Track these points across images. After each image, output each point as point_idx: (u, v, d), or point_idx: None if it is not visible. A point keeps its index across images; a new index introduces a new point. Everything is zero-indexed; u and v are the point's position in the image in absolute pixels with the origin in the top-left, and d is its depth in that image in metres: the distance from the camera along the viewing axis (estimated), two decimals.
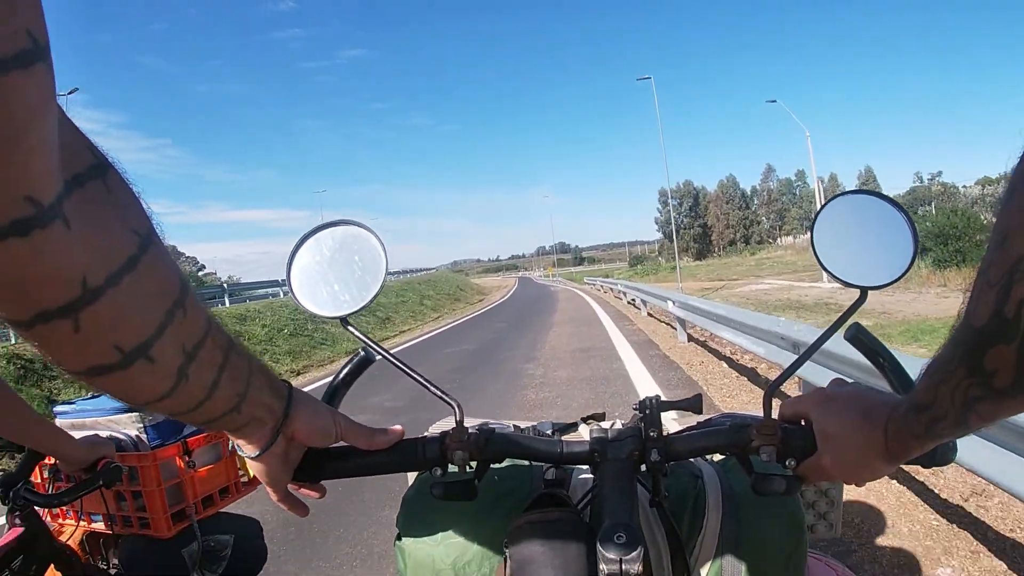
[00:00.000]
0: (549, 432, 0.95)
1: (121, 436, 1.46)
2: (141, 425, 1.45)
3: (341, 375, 0.76)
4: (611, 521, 0.59)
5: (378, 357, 0.75)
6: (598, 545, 0.57)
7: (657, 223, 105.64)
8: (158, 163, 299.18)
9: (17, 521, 1.13)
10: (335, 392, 0.76)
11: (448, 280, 40.41)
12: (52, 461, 1.37)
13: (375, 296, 0.72)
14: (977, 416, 0.46)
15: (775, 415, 0.68)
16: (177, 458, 1.47)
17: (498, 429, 0.75)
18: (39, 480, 1.45)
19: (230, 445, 1.50)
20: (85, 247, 0.36)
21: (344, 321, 0.73)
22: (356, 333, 0.75)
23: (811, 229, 0.72)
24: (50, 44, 0.29)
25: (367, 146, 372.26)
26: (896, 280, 0.68)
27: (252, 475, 1.52)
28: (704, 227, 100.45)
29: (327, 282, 0.73)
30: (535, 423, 1.00)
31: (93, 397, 1.53)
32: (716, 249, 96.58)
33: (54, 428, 1.32)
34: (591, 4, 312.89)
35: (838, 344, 0.87)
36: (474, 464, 0.70)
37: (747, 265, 52.82)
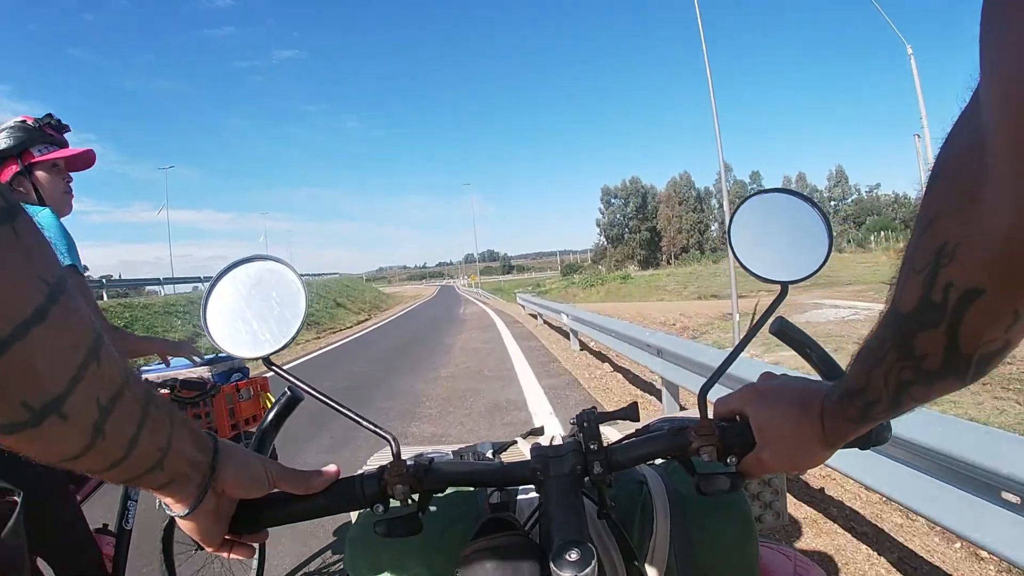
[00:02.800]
0: (489, 453, 0.97)
1: (195, 378, 2.23)
2: (208, 373, 2.25)
3: (268, 419, 0.74)
4: (562, 539, 0.59)
5: (305, 397, 0.74)
6: (551, 565, 0.57)
7: (599, 225, 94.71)
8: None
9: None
10: (264, 438, 0.73)
11: (341, 289, 33.98)
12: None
13: (297, 333, 0.69)
14: (910, 398, 0.49)
15: (711, 414, 0.70)
16: (233, 392, 2.32)
17: (436, 458, 0.75)
18: None
19: (241, 395, 2.35)
20: None
21: (267, 361, 0.70)
22: (280, 373, 0.74)
23: (727, 229, 0.73)
24: None
25: (298, 148, 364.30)
26: (815, 272, 0.70)
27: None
28: (653, 231, 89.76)
29: (245, 321, 0.70)
30: (474, 445, 1.01)
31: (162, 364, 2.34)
32: (666, 256, 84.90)
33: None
34: (517, 5, 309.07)
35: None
36: (416, 496, 0.70)
37: (721, 276, 41.40)
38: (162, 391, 2.13)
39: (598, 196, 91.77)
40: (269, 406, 1.61)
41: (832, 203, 78.79)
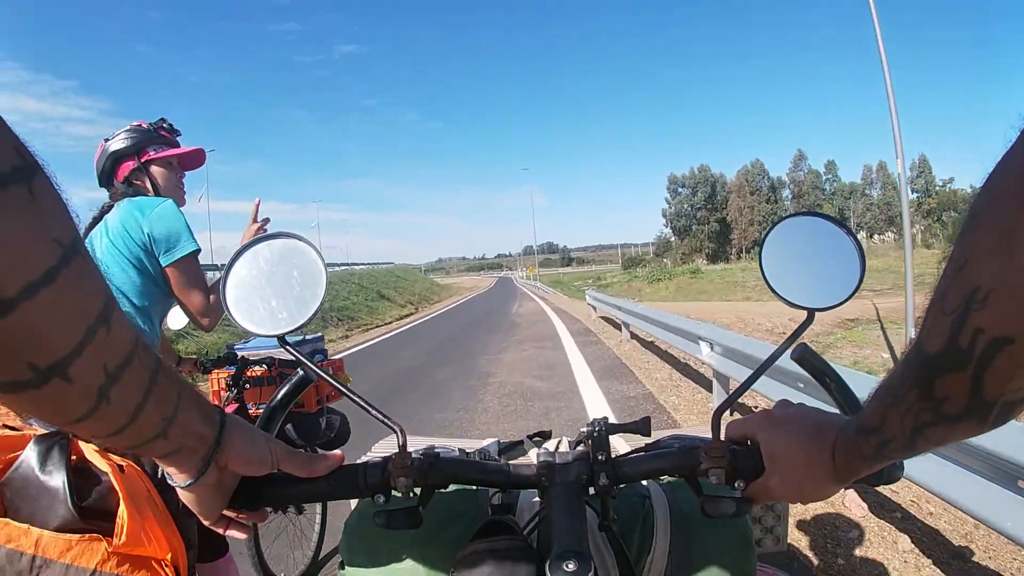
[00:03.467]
0: (495, 453, 0.99)
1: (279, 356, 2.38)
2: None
3: (278, 398, 0.74)
4: (560, 547, 0.59)
5: (315, 379, 0.74)
6: (548, 573, 0.57)
7: (665, 216, 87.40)
8: None
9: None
10: (271, 416, 0.73)
11: (389, 280, 32.95)
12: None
13: (314, 314, 0.69)
14: (926, 440, 0.48)
15: (723, 436, 0.68)
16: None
17: (443, 453, 0.74)
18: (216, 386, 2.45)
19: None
20: None
21: (282, 340, 0.71)
22: (294, 353, 0.72)
23: (759, 250, 0.72)
24: None
25: (357, 140, 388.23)
26: (843, 302, 0.68)
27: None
28: (722, 223, 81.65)
29: (264, 298, 0.70)
30: (481, 444, 1.03)
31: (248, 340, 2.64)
32: (736, 250, 78.19)
33: None
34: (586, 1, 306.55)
35: None
36: (418, 490, 0.68)
37: None
38: (260, 367, 2.41)
39: (662, 186, 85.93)
40: (349, 384, 2.04)
41: (914, 194, 72.38)
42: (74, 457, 0.97)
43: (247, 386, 2.40)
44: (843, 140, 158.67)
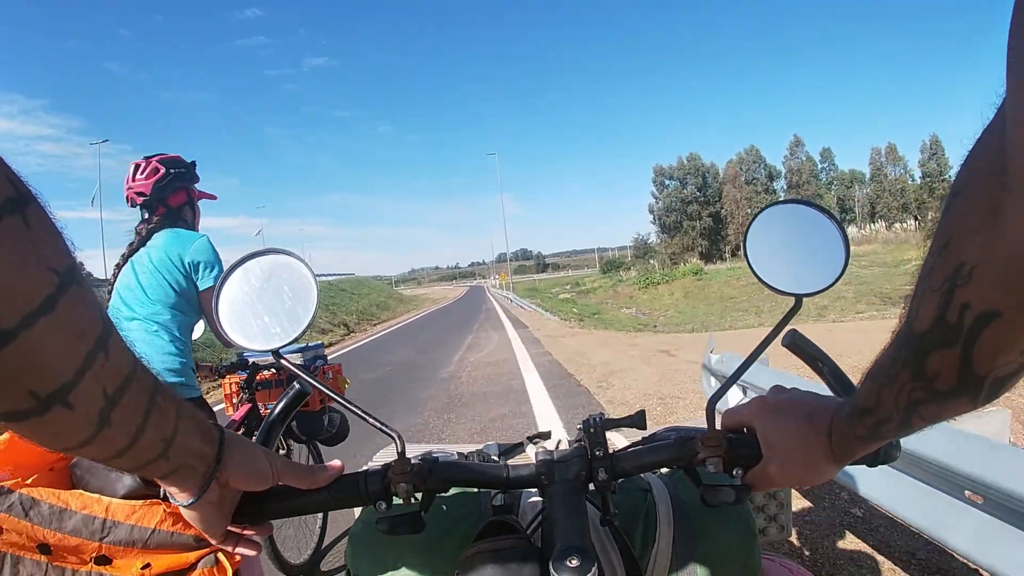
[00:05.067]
0: (495, 455, 1.01)
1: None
2: (300, 359, 2.77)
3: (275, 412, 0.74)
4: (563, 544, 0.60)
5: (312, 391, 0.76)
6: (551, 570, 0.57)
7: (652, 212, 77.96)
8: (118, 169, 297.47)
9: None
10: (270, 431, 0.73)
11: (334, 295, 29.92)
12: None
13: (307, 327, 0.70)
14: (920, 418, 0.48)
15: (718, 425, 0.69)
16: (321, 375, 2.83)
17: (441, 457, 0.74)
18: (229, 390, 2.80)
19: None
20: None
21: (276, 354, 0.71)
22: (289, 366, 0.74)
23: (744, 239, 0.72)
24: None
25: (332, 154, 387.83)
26: (830, 286, 0.69)
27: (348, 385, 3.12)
28: (715, 217, 72.67)
29: (256, 314, 0.71)
30: (480, 446, 1.05)
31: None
32: (732, 247, 68.04)
33: None
34: (557, 9, 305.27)
35: None
36: (419, 495, 0.69)
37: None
38: (270, 371, 2.76)
39: (638, 187, 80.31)
40: (346, 387, 3.03)
41: (926, 179, 65.19)
42: None
43: (259, 388, 2.74)
44: (838, 126, 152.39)
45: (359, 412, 0.72)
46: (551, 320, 21.47)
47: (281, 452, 2.74)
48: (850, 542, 2.78)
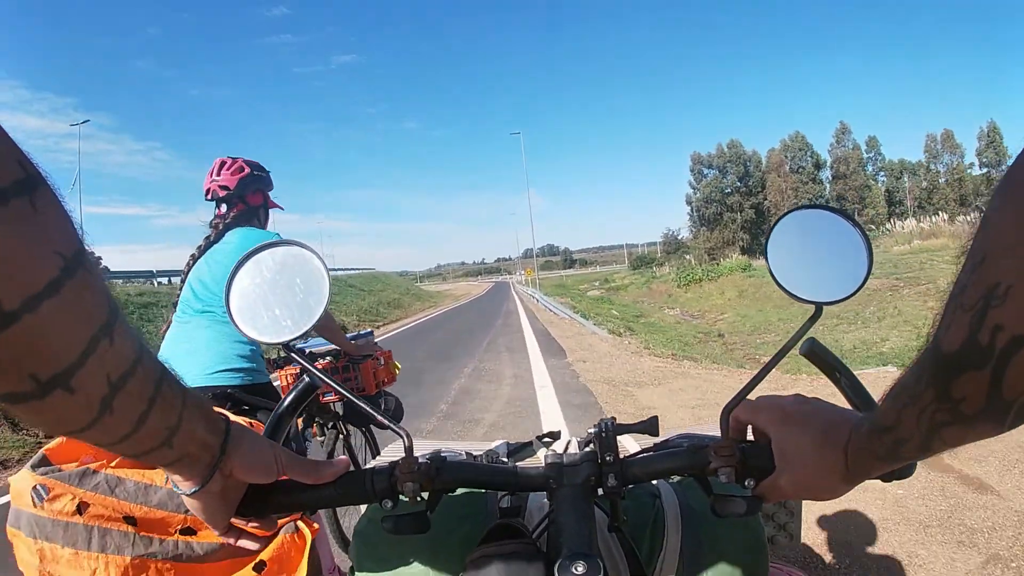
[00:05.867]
0: (504, 455, 0.98)
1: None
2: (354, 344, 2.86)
3: (284, 405, 0.74)
4: (569, 549, 0.60)
5: (321, 384, 0.75)
6: (556, 575, 0.57)
7: (689, 203, 72.72)
8: (148, 166, 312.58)
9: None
10: (278, 423, 0.73)
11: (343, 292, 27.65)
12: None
13: (318, 320, 0.69)
14: (942, 441, 0.47)
15: (732, 433, 0.69)
16: (374, 360, 2.99)
17: (450, 457, 0.73)
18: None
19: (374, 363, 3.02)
20: (0, 269, 0.35)
21: (287, 347, 0.72)
22: (300, 360, 0.74)
23: (764, 244, 0.71)
24: None
25: (358, 150, 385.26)
26: (850, 296, 0.68)
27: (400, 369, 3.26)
28: (757, 209, 67.65)
29: (267, 306, 0.70)
30: (490, 446, 1.04)
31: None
32: None
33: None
34: (584, 6, 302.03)
35: None
36: (426, 495, 0.68)
37: None
38: (326, 359, 2.87)
39: (667, 183, 75.22)
40: (397, 372, 3.17)
41: (984, 169, 59.80)
42: None
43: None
44: (887, 113, 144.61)
45: (367, 409, 0.72)
46: (595, 333, 13.68)
47: (341, 436, 2.97)
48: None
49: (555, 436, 0.99)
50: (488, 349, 11.88)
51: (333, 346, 2.83)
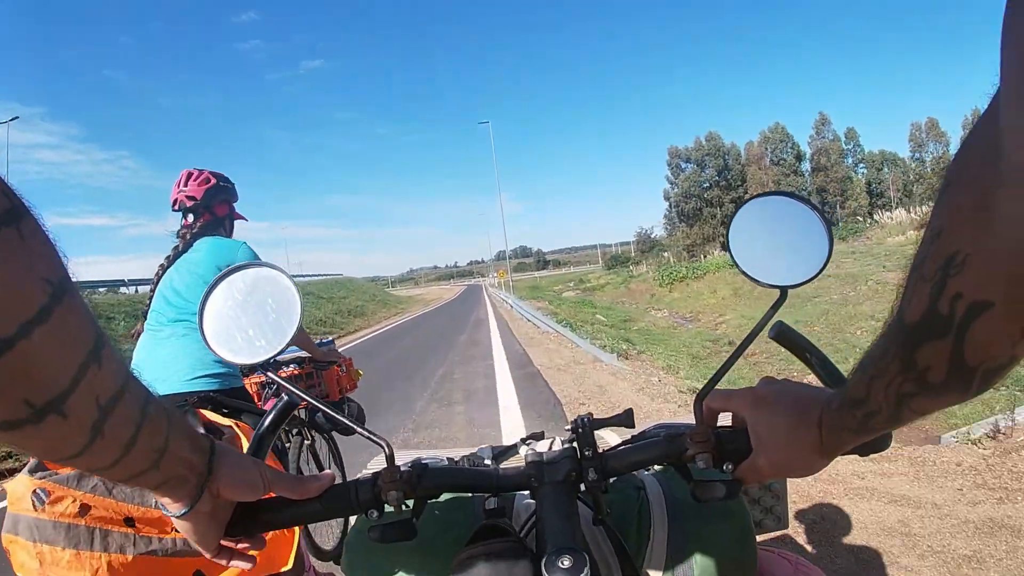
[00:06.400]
0: (488, 459, 0.97)
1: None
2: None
3: (265, 424, 0.75)
4: (554, 546, 0.61)
5: (299, 403, 0.76)
6: (543, 571, 0.59)
7: (667, 199, 70.61)
8: (116, 175, 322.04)
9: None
10: (261, 442, 0.74)
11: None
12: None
13: (292, 339, 0.70)
14: (911, 411, 0.48)
15: (707, 420, 0.70)
16: (337, 369, 3.22)
17: (431, 463, 0.74)
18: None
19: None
20: None
21: (264, 367, 0.72)
22: (277, 379, 0.76)
23: (726, 232, 0.73)
24: None
25: (330, 156, 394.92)
26: (814, 277, 0.70)
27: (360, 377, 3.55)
28: (738, 203, 64.62)
29: (241, 327, 0.71)
30: (473, 450, 1.02)
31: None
32: None
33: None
34: (554, 7, 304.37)
35: None
36: (411, 502, 0.69)
37: None
38: (291, 367, 3.09)
39: (639, 182, 72.79)
40: (358, 379, 3.49)
41: None
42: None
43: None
44: (868, 103, 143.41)
45: (347, 422, 0.72)
46: (598, 360, 9.68)
47: (306, 442, 2.98)
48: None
49: (538, 436, 0.98)
50: (435, 400, 7.63)
51: (296, 353, 3.02)
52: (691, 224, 67.67)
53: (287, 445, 2.85)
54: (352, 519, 0.89)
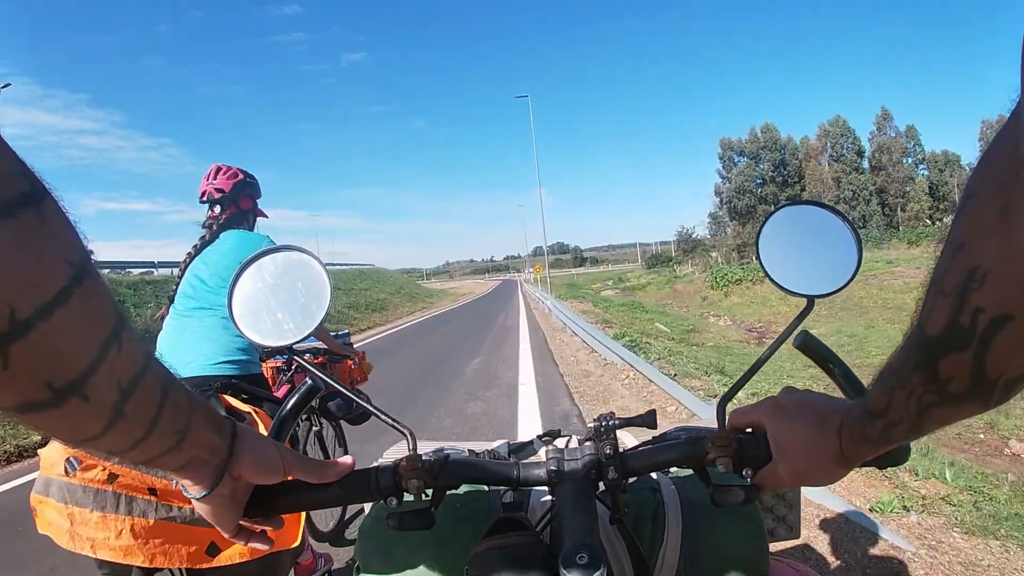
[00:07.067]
0: (506, 454, 1.00)
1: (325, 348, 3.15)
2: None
3: (288, 407, 0.74)
4: (572, 542, 0.61)
5: (323, 387, 0.76)
6: (560, 567, 0.58)
7: (718, 194, 66.15)
8: (160, 162, 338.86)
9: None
10: (282, 425, 0.74)
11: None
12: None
13: (320, 323, 0.70)
14: (932, 421, 0.49)
15: (728, 426, 0.70)
16: (350, 361, 3.28)
17: (453, 454, 0.74)
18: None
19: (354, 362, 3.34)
20: (13, 279, 0.35)
21: (290, 350, 0.73)
22: (303, 363, 0.77)
23: (756, 240, 0.74)
24: None
25: (367, 149, 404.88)
26: (841, 288, 0.70)
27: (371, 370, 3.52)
28: (794, 201, 60.11)
29: (270, 310, 0.71)
30: (492, 445, 1.04)
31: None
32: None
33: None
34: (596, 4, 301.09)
35: None
36: (430, 492, 0.70)
37: None
38: (307, 355, 3.15)
39: (679, 180, 68.29)
40: (369, 372, 3.47)
41: None
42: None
43: (299, 371, 2.99)
44: (931, 99, 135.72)
45: (371, 409, 0.73)
46: (697, 413, 5.10)
47: (314, 428, 3.09)
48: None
49: (555, 434, 0.97)
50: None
51: (313, 343, 3.10)
52: (743, 222, 63.15)
53: (296, 430, 2.88)
54: (353, 506, 0.88)
